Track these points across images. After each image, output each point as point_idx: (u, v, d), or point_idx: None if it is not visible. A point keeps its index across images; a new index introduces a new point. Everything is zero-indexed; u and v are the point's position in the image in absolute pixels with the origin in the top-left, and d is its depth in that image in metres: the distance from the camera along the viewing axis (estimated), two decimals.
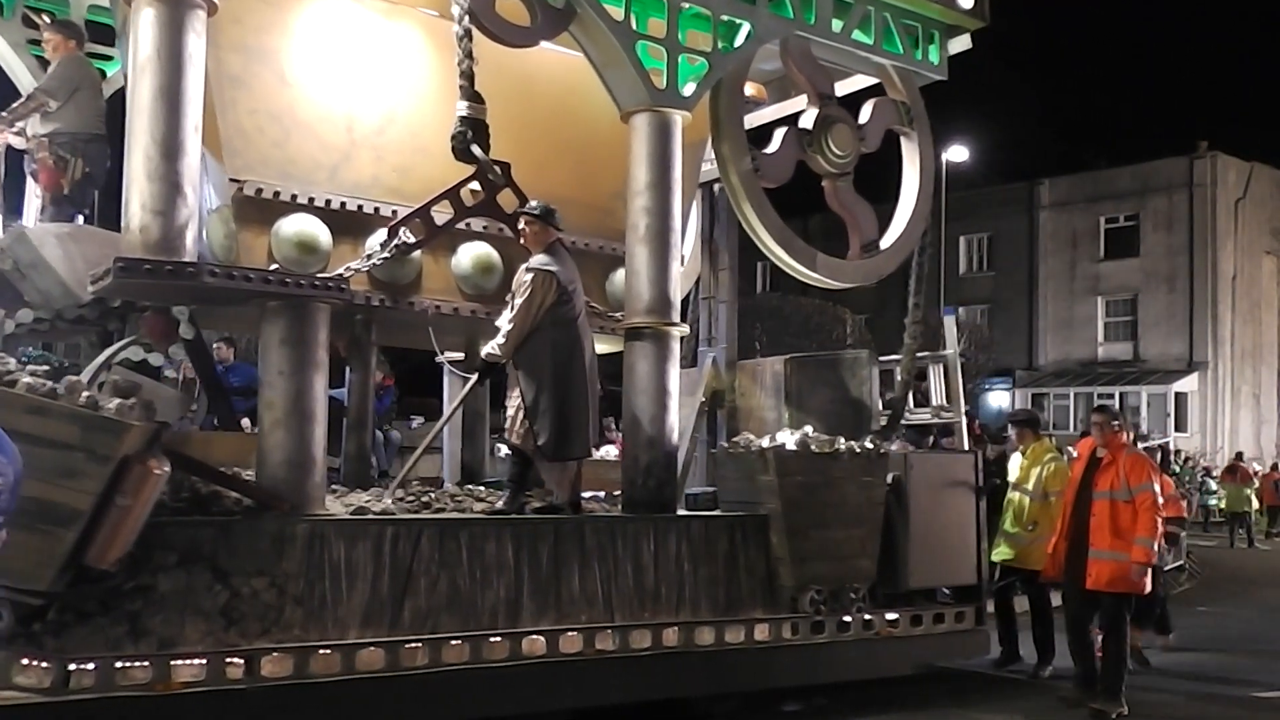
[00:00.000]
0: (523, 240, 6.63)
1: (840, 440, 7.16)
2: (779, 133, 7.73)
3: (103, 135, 6.94)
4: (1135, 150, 39.75)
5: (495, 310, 6.77)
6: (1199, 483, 26.17)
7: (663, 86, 6.95)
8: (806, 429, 7.27)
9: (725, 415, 8.90)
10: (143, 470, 4.74)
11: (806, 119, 7.76)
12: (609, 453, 8.10)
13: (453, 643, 5.69)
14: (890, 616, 7.25)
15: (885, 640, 7.21)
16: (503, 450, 7.23)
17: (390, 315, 6.97)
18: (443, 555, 5.75)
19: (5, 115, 7.02)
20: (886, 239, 8.17)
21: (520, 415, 6.38)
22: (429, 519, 5.98)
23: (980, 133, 57.04)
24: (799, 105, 8.22)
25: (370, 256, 6.53)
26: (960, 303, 35.73)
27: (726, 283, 9.12)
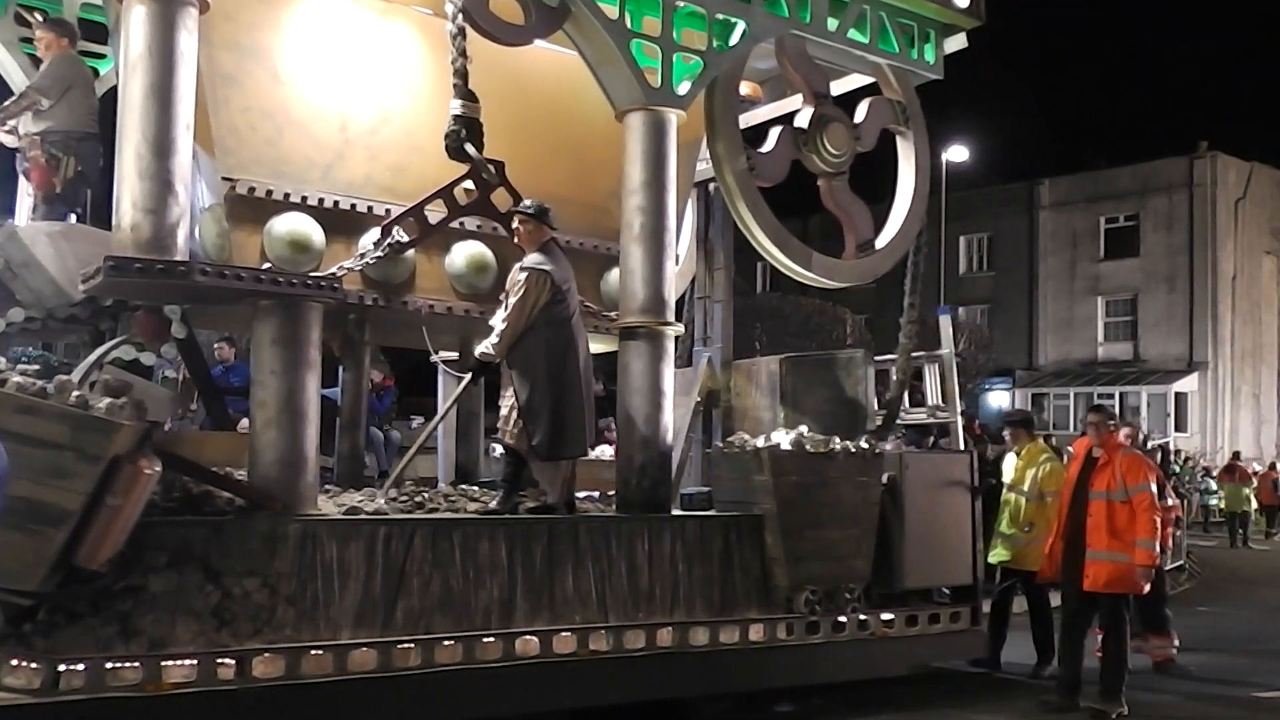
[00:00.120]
0: (517, 239, 6.60)
1: (835, 440, 7.15)
2: (774, 132, 7.73)
3: (95, 134, 6.91)
4: (1135, 150, 39.80)
5: (489, 310, 6.75)
6: (1199, 483, 26.14)
7: (657, 85, 6.93)
8: (801, 429, 7.26)
9: (720, 415, 8.90)
10: (133, 470, 4.72)
11: (802, 118, 7.76)
12: (605, 452, 8.07)
13: (446, 643, 5.67)
14: (885, 617, 7.23)
15: (880, 640, 7.18)
16: (497, 450, 7.21)
17: (384, 315, 6.96)
18: (436, 555, 5.74)
19: None
20: (882, 238, 8.16)
21: (514, 415, 6.36)
22: (422, 519, 5.96)
23: (980, 133, 57.10)
24: (794, 104, 8.20)
25: (363, 255, 6.52)
26: (960, 303, 35.78)
27: (722, 282, 9.11)
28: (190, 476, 5.51)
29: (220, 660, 5.09)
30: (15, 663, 4.66)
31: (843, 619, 6.98)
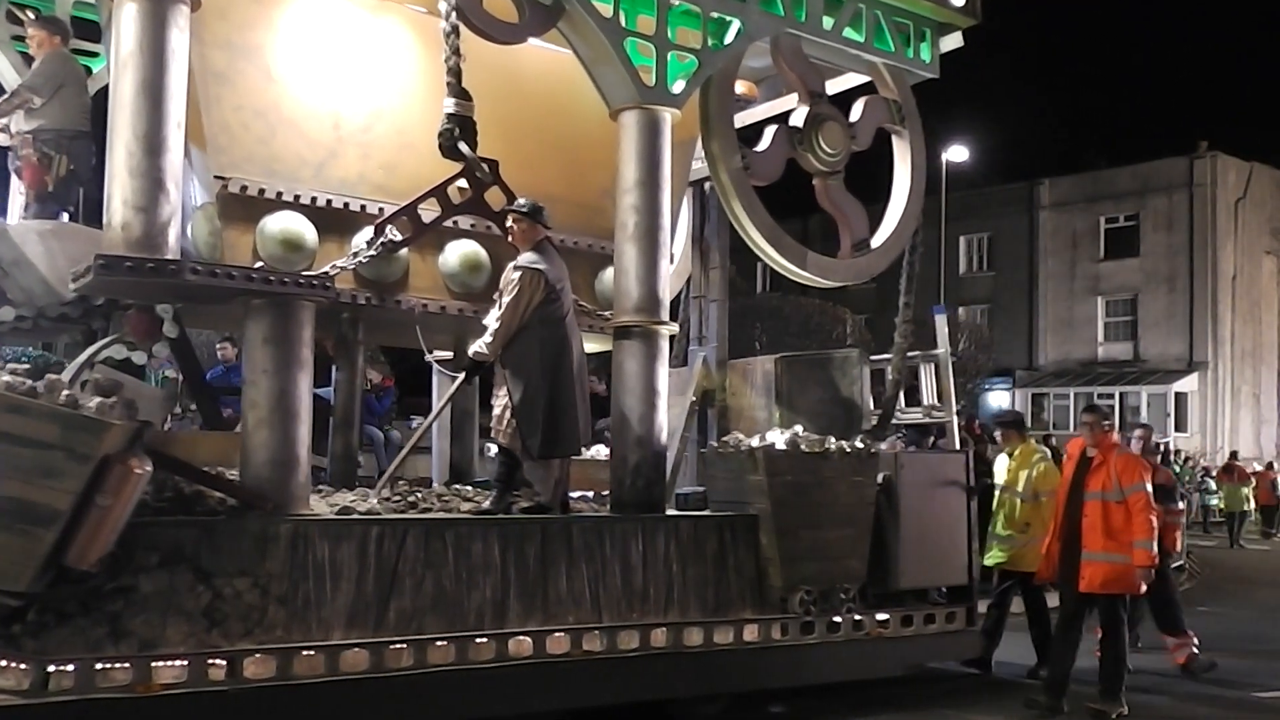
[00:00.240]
0: (510, 238, 6.58)
1: (830, 440, 7.12)
2: (769, 131, 7.70)
3: (87, 132, 6.89)
4: (1135, 150, 39.85)
5: (483, 309, 6.72)
6: (1199, 482, 26.12)
7: (652, 84, 6.91)
8: (797, 428, 7.23)
9: (716, 415, 8.88)
10: (124, 470, 4.70)
11: (797, 117, 7.73)
12: (602, 452, 8.04)
13: (438, 644, 5.65)
14: (881, 617, 7.20)
15: (876, 641, 7.15)
16: (492, 450, 7.19)
17: (377, 314, 6.93)
18: (428, 555, 5.71)
19: None
20: (877, 238, 8.14)
21: (507, 414, 6.33)
22: (414, 519, 5.93)
23: (980, 133, 57.21)
24: (790, 103, 8.17)
25: (356, 254, 6.48)
26: (960, 303, 35.82)
27: (717, 281, 9.09)
28: (181, 476, 5.49)
29: (211, 661, 5.07)
30: (4, 664, 4.64)
31: (838, 619, 6.95)
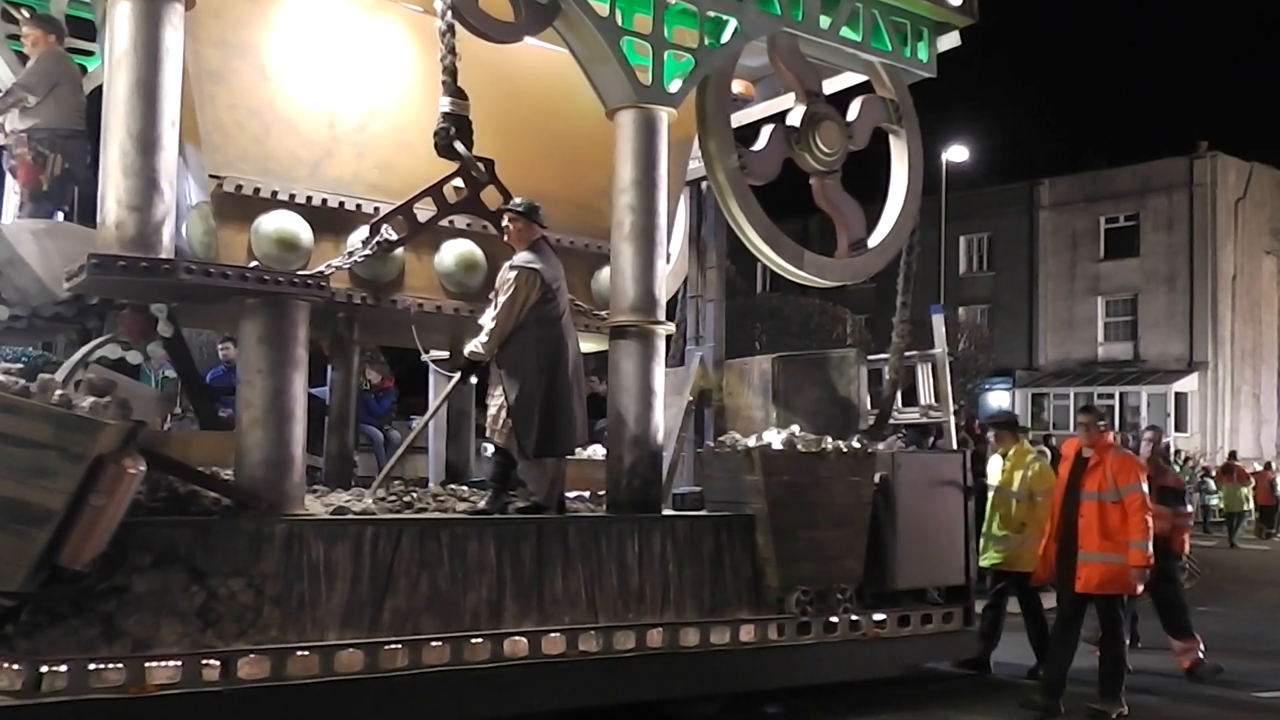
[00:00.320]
0: (506, 237, 6.57)
1: (827, 440, 7.11)
2: (766, 130, 7.69)
3: (82, 131, 6.87)
4: (1135, 150, 39.89)
5: (479, 308, 6.71)
6: (1199, 483, 26.11)
7: (648, 83, 6.89)
8: (793, 428, 7.23)
9: (713, 414, 8.86)
10: (117, 469, 4.68)
11: (794, 116, 7.71)
12: (598, 452, 8.03)
13: (433, 644, 5.63)
14: (877, 617, 7.19)
15: (872, 641, 7.14)
16: (488, 450, 7.18)
17: (373, 313, 6.91)
18: (424, 555, 5.69)
19: None
20: (874, 237, 8.12)
21: (503, 414, 6.32)
22: (409, 519, 5.91)
23: (980, 133, 57.23)
24: (787, 103, 8.16)
25: (352, 254, 6.47)
26: (960, 303, 35.81)
27: (714, 281, 9.07)
28: (176, 476, 5.47)
29: (205, 661, 5.05)
30: None
31: (834, 620, 6.94)
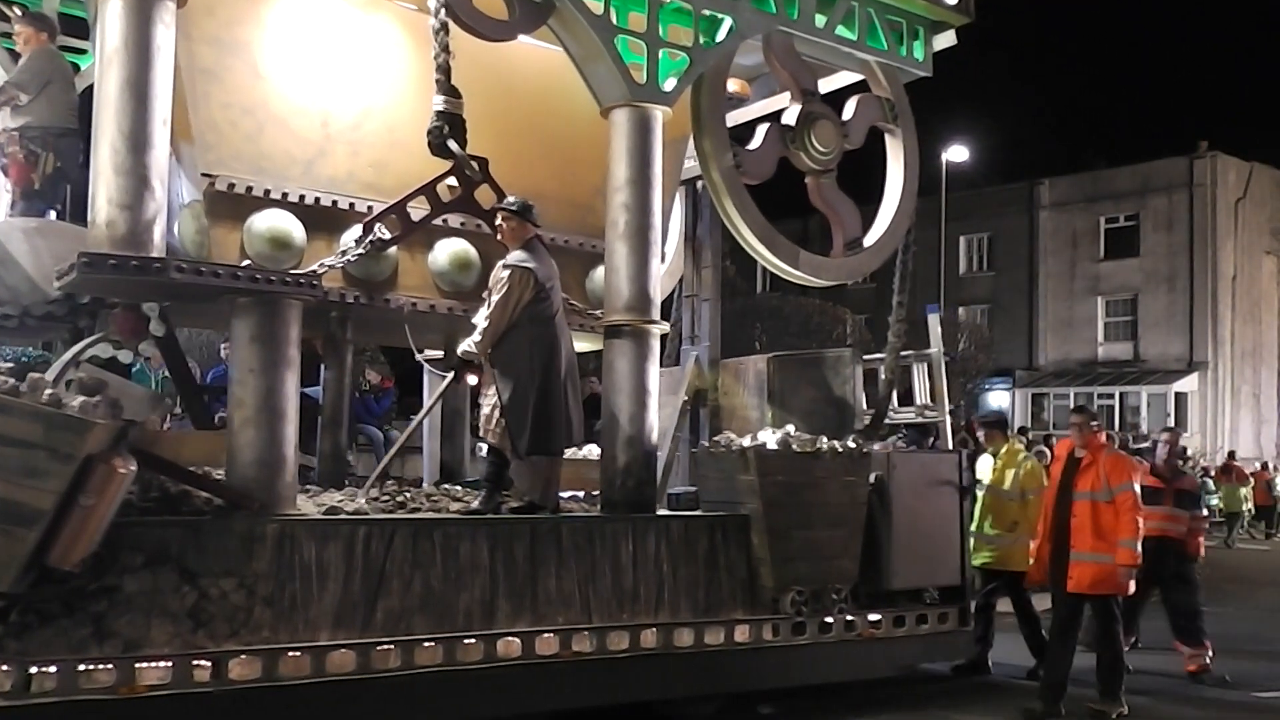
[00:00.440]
0: (500, 236, 6.55)
1: (822, 439, 7.09)
2: (761, 129, 7.67)
3: (75, 129, 6.85)
4: (1135, 150, 39.88)
5: (472, 307, 6.70)
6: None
7: (643, 81, 6.88)
8: (788, 428, 7.20)
9: (708, 414, 8.83)
10: (107, 469, 4.66)
11: (789, 115, 7.69)
12: (593, 452, 8.00)
13: (426, 645, 5.61)
14: (873, 618, 7.17)
15: (868, 642, 7.12)
16: (483, 449, 7.16)
17: (366, 312, 6.90)
18: (416, 556, 5.67)
19: None
20: (870, 236, 8.10)
21: (496, 414, 6.30)
22: (402, 519, 5.89)
23: (980, 133, 57.22)
24: (782, 102, 8.15)
25: (345, 253, 6.45)
26: (960, 303, 35.81)
27: (710, 280, 9.05)
28: (167, 476, 5.45)
29: (196, 662, 5.03)
30: None
31: (829, 620, 6.92)
